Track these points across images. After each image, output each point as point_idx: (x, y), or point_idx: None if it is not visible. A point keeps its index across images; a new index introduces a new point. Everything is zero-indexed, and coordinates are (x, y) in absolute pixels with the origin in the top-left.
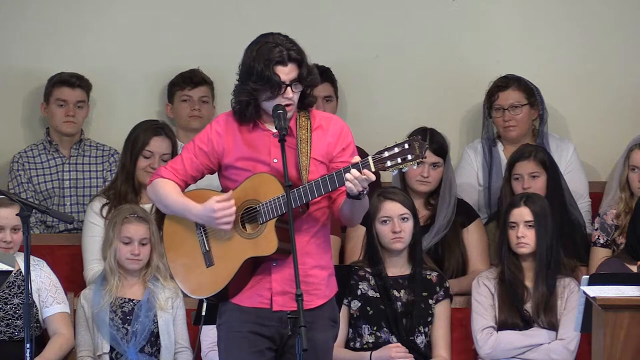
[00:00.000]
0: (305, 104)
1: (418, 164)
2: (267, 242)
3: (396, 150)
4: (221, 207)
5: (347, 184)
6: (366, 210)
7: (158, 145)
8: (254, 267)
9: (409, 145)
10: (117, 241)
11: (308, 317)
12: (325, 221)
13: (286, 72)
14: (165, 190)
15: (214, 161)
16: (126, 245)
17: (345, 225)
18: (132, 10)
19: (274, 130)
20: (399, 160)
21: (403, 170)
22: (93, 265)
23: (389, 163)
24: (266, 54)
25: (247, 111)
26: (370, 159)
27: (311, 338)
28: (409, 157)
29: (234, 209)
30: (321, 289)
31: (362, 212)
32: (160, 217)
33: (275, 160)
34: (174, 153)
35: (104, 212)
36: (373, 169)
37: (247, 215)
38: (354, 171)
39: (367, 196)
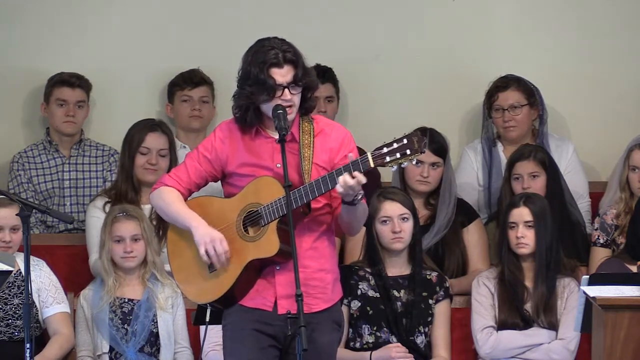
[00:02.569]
0: (306, 108)
1: (417, 160)
2: (268, 243)
3: (395, 145)
4: (222, 244)
5: (338, 187)
6: (365, 217)
7: (154, 141)
8: (257, 271)
9: (407, 140)
10: (110, 241)
11: (312, 320)
12: (329, 225)
13: (282, 74)
14: (169, 199)
15: (217, 169)
16: (118, 244)
17: (346, 234)
18: (132, 10)
19: (277, 137)
20: (398, 155)
21: (402, 165)
22: (96, 255)
23: (388, 159)
24: (261, 57)
25: (247, 116)
26: (369, 155)
27: (315, 341)
28: (408, 152)
29: (224, 257)
30: (327, 292)
31: (361, 219)
32: (160, 217)
33: (279, 165)
34: (171, 149)
35: (107, 209)
36: (372, 165)
37: (250, 219)
38: (340, 179)
39: (364, 203)
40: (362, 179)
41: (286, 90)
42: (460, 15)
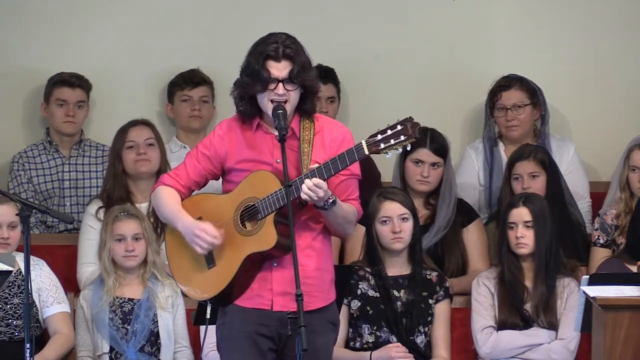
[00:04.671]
0: (305, 110)
1: (418, 160)
2: (266, 236)
3: (389, 132)
4: (206, 230)
5: (302, 194)
6: (350, 220)
7: (137, 133)
8: (256, 266)
9: (401, 126)
10: (111, 240)
11: (308, 319)
12: (325, 225)
13: (279, 69)
14: (163, 198)
15: (216, 165)
16: (120, 243)
17: (335, 236)
18: (132, 10)
19: (277, 133)
20: (392, 141)
21: (397, 151)
22: (86, 269)
23: (382, 145)
24: (261, 49)
25: (242, 104)
26: (363, 142)
27: (311, 341)
28: (402, 137)
29: (216, 241)
30: (323, 291)
31: (344, 222)
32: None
33: (278, 161)
34: (158, 141)
35: (100, 215)
36: (367, 152)
37: (247, 213)
38: (307, 181)
39: (350, 205)
40: (323, 184)
41: (280, 84)
42: (460, 15)
